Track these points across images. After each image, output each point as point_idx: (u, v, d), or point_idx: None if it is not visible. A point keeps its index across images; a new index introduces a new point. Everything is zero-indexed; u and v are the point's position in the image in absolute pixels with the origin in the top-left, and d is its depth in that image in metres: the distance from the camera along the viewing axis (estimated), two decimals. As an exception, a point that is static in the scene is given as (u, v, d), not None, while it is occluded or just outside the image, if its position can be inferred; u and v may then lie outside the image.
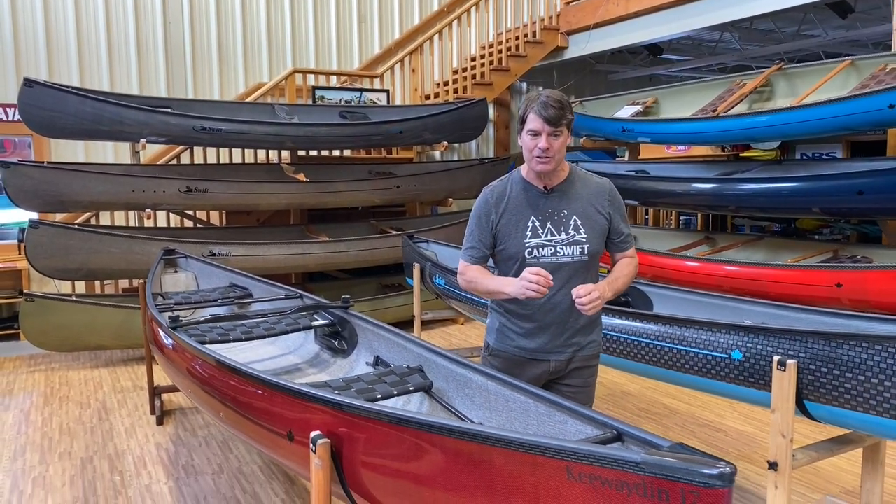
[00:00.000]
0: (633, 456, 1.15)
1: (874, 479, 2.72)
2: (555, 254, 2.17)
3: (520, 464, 1.33)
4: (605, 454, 1.19)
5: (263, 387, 2.10)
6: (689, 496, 1.09)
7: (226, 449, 3.86)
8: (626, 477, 1.16)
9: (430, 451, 1.54)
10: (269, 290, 3.98)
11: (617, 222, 2.26)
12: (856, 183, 4.11)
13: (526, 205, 2.20)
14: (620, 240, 2.29)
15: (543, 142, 2.08)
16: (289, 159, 6.87)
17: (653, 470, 1.12)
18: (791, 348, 2.51)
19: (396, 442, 1.63)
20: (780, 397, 2.45)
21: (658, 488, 1.12)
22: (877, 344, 2.28)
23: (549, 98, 2.08)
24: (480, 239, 2.25)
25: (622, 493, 1.17)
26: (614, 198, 2.27)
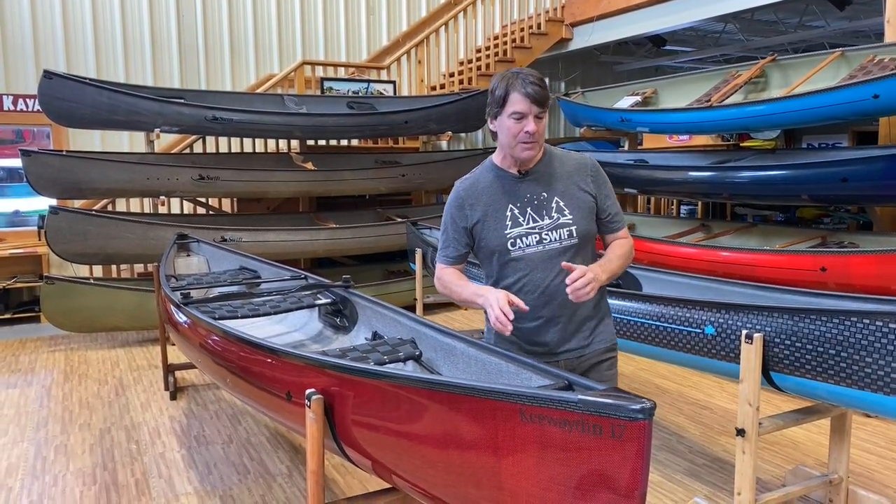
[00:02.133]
0: (571, 397, 1.33)
1: (841, 448, 2.89)
2: (541, 241, 1.99)
3: (482, 409, 1.52)
4: (550, 396, 1.38)
5: (265, 353, 2.30)
6: (618, 429, 1.27)
7: (235, 421, 4.08)
8: (568, 416, 1.35)
9: (407, 402, 1.73)
10: (276, 271, 4.19)
11: (603, 200, 2.06)
12: (840, 171, 4.25)
13: (501, 193, 2.01)
14: (608, 218, 2.08)
15: (531, 124, 1.90)
16: (298, 149, 7.08)
17: (588, 408, 1.30)
18: (758, 323, 2.68)
19: (379, 396, 1.82)
20: (747, 368, 2.63)
21: (593, 424, 1.31)
22: (834, 318, 2.44)
23: (529, 75, 1.90)
24: (455, 237, 2.07)
25: (565, 429, 1.36)
26: (597, 174, 2.07)
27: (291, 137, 6.81)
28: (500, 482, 1.52)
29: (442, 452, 1.68)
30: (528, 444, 1.44)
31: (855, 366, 2.39)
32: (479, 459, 1.56)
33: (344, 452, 2.05)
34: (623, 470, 1.28)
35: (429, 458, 1.73)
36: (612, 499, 1.30)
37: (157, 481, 3.32)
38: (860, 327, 2.37)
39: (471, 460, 1.59)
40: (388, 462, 1.90)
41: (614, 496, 1.30)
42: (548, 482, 1.41)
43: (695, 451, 3.59)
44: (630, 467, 1.27)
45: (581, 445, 1.34)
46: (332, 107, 6.82)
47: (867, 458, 3.45)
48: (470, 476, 1.61)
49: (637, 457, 1.26)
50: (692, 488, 3.14)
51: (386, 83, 7.68)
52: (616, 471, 1.29)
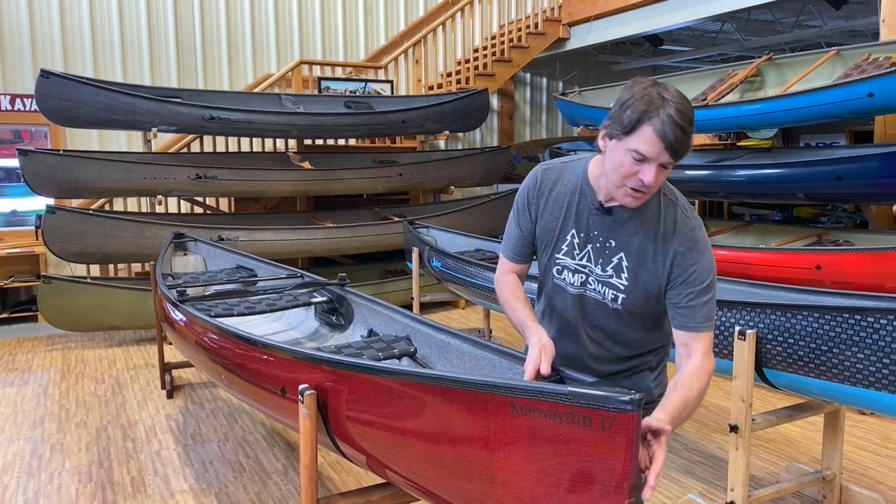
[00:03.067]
0: (561, 389, 1.34)
1: (834, 445, 2.90)
2: (584, 285, 1.72)
3: (473, 402, 1.53)
4: (541, 388, 1.39)
5: (259, 349, 2.31)
6: (607, 420, 1.28)
7: (231, 420, 4.08)
8: (558, 407, 1.35)
9: (399, 397, 1.74)
10: (273, 270, 4.20)
11: (679, 284, 1.61)
12: (835, 169, 4.26)
13: (574, 210, 1.71)
14: (684, 313, 1.61)
15: (650, 174, 1.50)
16: (295, 148, 7.09)
17: (578, 400, 1.31)
18: (751, 320, 2.69)
19: (371, 391, 1.83)
20: (740, 365, 2.64)
21: (583, 416, 1.32)
22: (827, 314, 2.45)
23: (679, 112, 1.45)
24: (518, 234, 1.81)
25: (555, 421, 1.36)
26: (688, 253, 1.61)
27: (289, 137, 6.81)
28: (492, 475, 1.53)
29: (434, 446, 1.69)
30: (518, 437, 1.45)
31: (847, 362, 2.40)
32: (471, 452, 1.57)
33: (338, 447, 2.06)
34: (612, 461, 1.29)
35: (421, 452, 1.74)
36: (601, 490, 1.31)
37: (153, 479, 3.33)
38: (852, 323, 2.38)
39: (463, 453, 1.60)
40: (382, 456, 1.91)
41: (603, 487, 1.30)
42: (538, 474, 1.42)
43: (690, 448, 3.60)
44: (619, 459, 1.28)
45: (571, 437, 1.35)
46: (330, 106, 6.83)
47: (861, 455, 3.46)
48: (462, 469, 1.62)
49: (626, 448, 1.26)
50: (687, 485, 3.15)
51: (383, 83, 7.69)
52: (605, 462, 1.30)
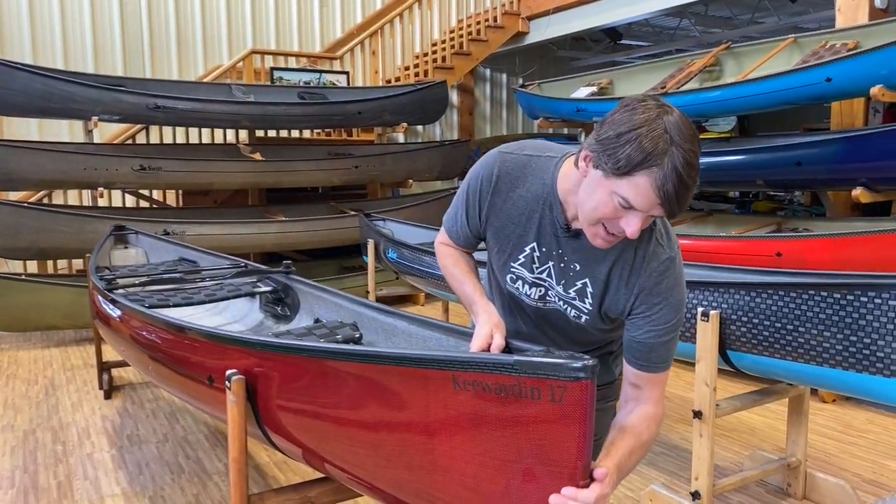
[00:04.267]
0: (506, 358, 1.18)
1: (798, 431, 2.80)
2: (543, 298, 1.52)
3: (412, 380, 1.36)
4: (484, 359, 1.23)
5: (183, 335, 2.11)
6: (558, 391, 1.13)
7: (173, 419, 3.85)
8: (503, 380, 1.19)
9: (333, 379, 1.56)
10: (216, 261, 3.97)
11: (639, 319, 1.41)
12: (795, 154, 4.21)
13: (535, 223, 1.46)
14: (640, 349, 1.42)
15: (635, 226, 1.26)
16: (246, 140, 6.84)
17: (524, 369, 1.15)
18: (714, 300, 2.58)
19: (303, 374, 1.65)
20: (704, 347, 2.52)
21: (530, 387, 1.16)
22: (792, 291, 2.35)
23: (686, 164, 1.19)
24: (465, 219, 1.57)
25: (501, 395, 1.21)
26: (656, 287, 1.39)
27: (239, 127, 6.56)
28: (434, 461, 1.37)
29: (371, 433, 1.51)
30: (461, 416, 1.29)
31: (814, 341, 2.29)
32: (411, 437, 1.40)
33: (269, 439, 1.87)
34: (564, 438, 1.13)
35: (358, 440, 1.56)
36: (552, 471, 1.15)
37: (82, 483, 3.08)
38: (818, 300, 2.28)
39: (402, 439, 1.43)
40: (317, 447, 1.73)
41: (555, 468, 1.15)
42: (483, 457, 1.26)
43: (652, 439, 3.48)
44: (572, 435, 1.12)
45: (518, 413, 1.19)
46: (283, 97, 6.60)
47: (824, 442, 3.38)
48: (402, 457, 1.45)
49: (580, 421, 1.11)
50: (649, 476, 3.03)
51: (339, 74, 7.49)
52: (557, 440, 1.14)
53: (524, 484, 1.20)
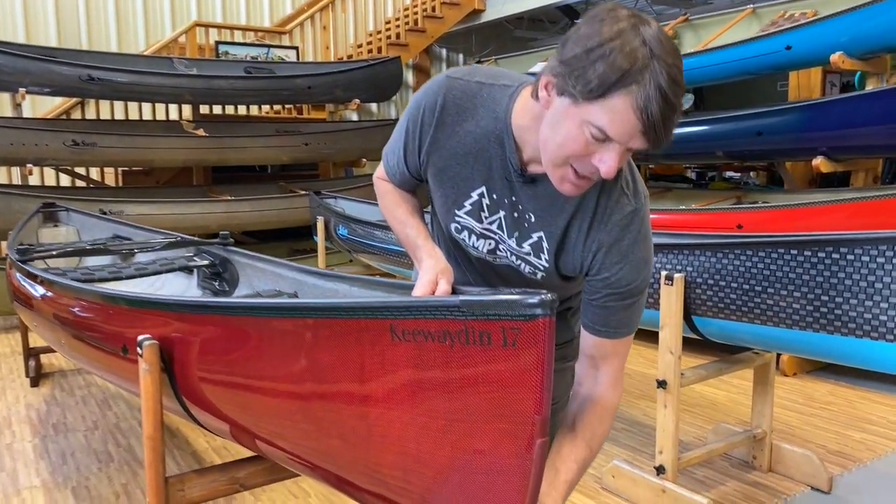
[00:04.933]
0: (452, 300, 1.00)
1: (764, 401, 2.69)
2: (494, 252, 1.32)
3: (345, 334, 1.17)
4: (425, 302, 1.04)
5: (93, 302, 1.87)
6: (511, 333, 0.95)
7: (105, 406, 3.58)
8: (448, 325, 1.01)
9: (257, 340, 1.36)
10: (151, 235, 3.71)
11: (597, 280, 1.23)
12: (755, 124, 4.12)
13: (486, 165, 1.25)
14: (597, 312, 1.26)
15: (613, 162, 1.05)
16: (190, 117, 6.51)
17: (472, 310, 0.97)
18: (678, 263, 2.44)
19: (224, 337, 1.44)
20: (668, 313, 2.38)
21: (479, 331, 0.98)
22: (760, 251, 2.22)
23: (671, 81, 0.98)
24: (401, 160, 1.35)
25: (445, 344, 1.02)
26: (617, 244, 1.21)
27: (181, 102, 6.23)
28: (369, 427, 1.18)
29: (300, 400, 1.32)
30: (400, 372, 1.10)
31: (783, 302, 2.17)
32: (344, 402, 1.21)
33: (190, 413, 1.66)
34: (520, 389, 0.95)
35: (287, 410, 1.37)
36: (506, 429, 0.97)
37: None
38: (788, 259, 2.15)
39: (334, 405, 1.24)
40: (242, 420, 1.52)
41: (509, 426, 0.97)
42: (427, 417, 1.08)
43: (613, 415, 3.35)
44: (529, 384, 0.94)
45: (466, 363, 1.00)
46: (228, 70, 6.29)
47: (787, 415, 3.30)
48: (334, 425, 1.26)
49: (538, 368, 0.93)
50: (611, 453, 2.89)
51: (288, 49, 7.19)
52: (511, 391, 0.96)
53: (473, 445, 1.02)
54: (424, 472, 1.11)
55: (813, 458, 2.61)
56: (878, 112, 3.67)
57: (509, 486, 0.98)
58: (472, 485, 1.05)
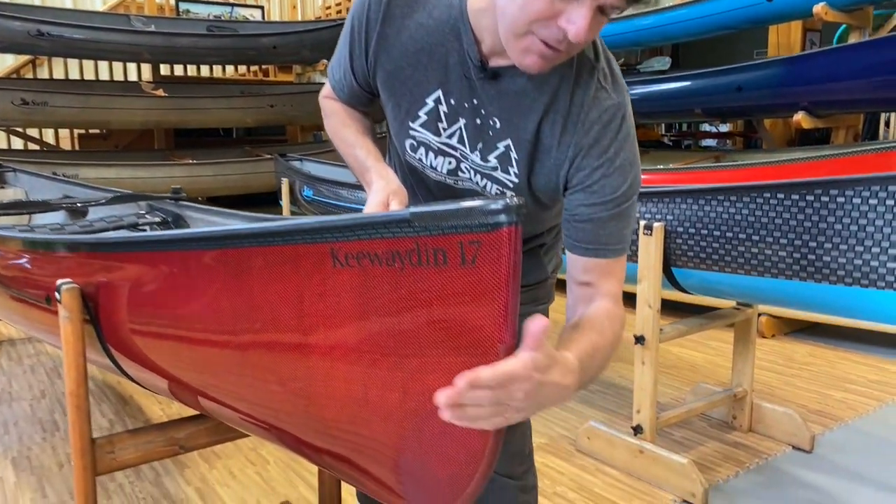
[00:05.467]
0: (400, 213, 0.84)
1: (745, 359, 2.59)
2: (455, 173, 1.15)
3: (281, 263, 1.01)
4: (371, 219, 0.88)
5: (15, 249, 1.68)
6: (469, 248, 0.79)
7: (54, 375, 3.38)
8: (397, 245, 0.85)
9: (185, 277, 1.19)
10: (101, 194, 3.49)
11: (577, 191, 1.06)
12: (735, 79, 3.99)
13: (439, 63, 1.08)
14: (583, 228, 1.07)
15: (583, 21, 0.89)
16: (150, 78, 6.23)
17: (424, 224, 0.81)
18: (658, 212, 2.30)
19: (149, 276, 1.27)
20: (646, 265, 2.24)
21: (433, 249, 0.82)
22: (745, 196, 2.09)
23: None
24: (347, 69, 1.19)
25: (394, 267, 0.86)
26: (596, 145, 1.04)
27: (138, 60, 5.95)
28: (310, 371, 1.02)
29: (238, 347, 1.15)
30: (344, 304, 0.94)
31: (768, 250, 2.04)
32: (281, 345, 1.05)
33: (120, 367, 1.49)
34: (481, 313, 0.80)
35: (222, 357, 1.20)
36: (466, 362, 0.82)
37: (-68, 446, 2.62)
38: (774, 204, 2.02)
39: (271, 349, 1.08)
40: (176, 371, 1.36)
41: (469, 357, 0.82)
42: (375, 354, 0.92)
43: (589, 378, 3.24)
44: (491, 307, 0.79)
45: (418, 289, 0.85)
46: (189, 28, 6.00)
47: (767, 375, 3.21)
48: (272, 372, 1.10)
49: (502, 287, 0.78)
50: (585, 415, 2.77)
51: (253, 8, 6.90)
52: (471, 317, 0.81)
53: (427, 384, 0.87)
54: (374, 420, 0.96)
55: (795, 417, 2.51)
56: (861, 65, 3.56)
57: (470, 429, 0.83)
58: (428, 431, 0.90)
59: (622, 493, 2.22)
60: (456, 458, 0.87)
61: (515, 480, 1.38)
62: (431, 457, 0.91)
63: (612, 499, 2.19)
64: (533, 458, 1.44)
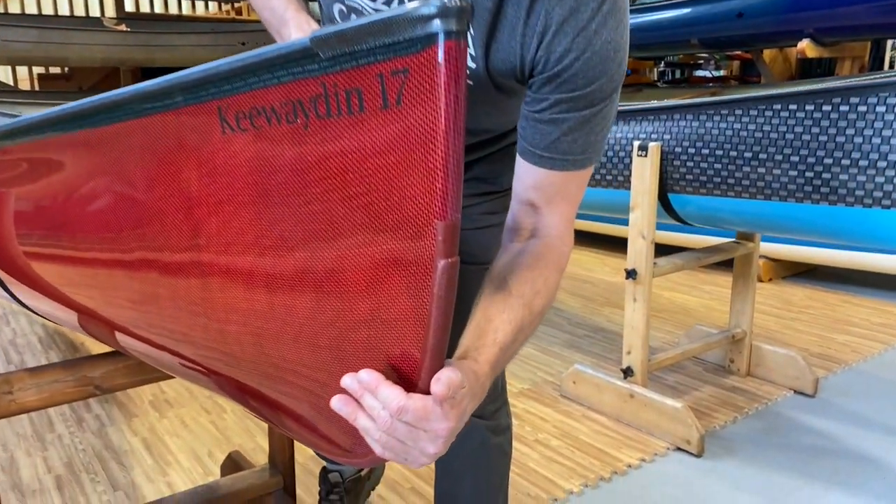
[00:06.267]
0: (298, 42, 0.59)
1: (745, 298, 2.38)
2: None
3: (160, 137, 0.76)
4: (261, 55, 0.63)
5: None
6: (393, 82, 0.55)
7: (3, 322, 3.14)
8: (299, 90, 0.61)
9: (43, 169, 0.95)
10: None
11: (542, 81, 0.84)
12: (735, 5, 3.70)
13: None
14: (542, 130, 0.86)
15: None
16: (114, 13, 5.84)
17: (331, 51, 0.57)
18: (654, 131, 2.06)
19: (20, 176, 1.02)
20: (640, 190, 2.01)
21: (344, 91, 0.58)
22: (753, 108, 1.85)
23: None
24: None
25: (296, 124, 0.62)
26: (571, 20, 0.80)
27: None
28: (203, 273, 0.79)
29: (130, 264, 0.92)
30: (237, 186, 0.70)
31: (777, 170, 1.81)
32: (171, 249, 0.82)
33: (13, 296, 1.25)
34: (409, 178, 0.56)
35: (109, 272, 0.97)
36: (392, 250, 0.59)
37: None
38: (785, 117, 1.78)
39: (161, 253, 0.84)
40: (77, 297, 1.13)
41: (397, 241, 0.58)
42: (276, 249, 0.69)
43: (574, 322, 3.04)
44: (424, 166, 0.55)
45: (326, 151, 0.61)
46: (153, -40, 5.62)
47: (765, 319, 3.01)
48: (166, 284, 0.87)
49: (439, 136, 0.54)
50: (571, 359, 2.57)
51: (224, -60, 6.49)
52: (397, 184, 0.57)
53: (345, 285, 0.64)
54: (283, 337, 0.73)
55: (798, 360, 2.32)
56: (872, -13, 3.28)
57: (402, 337, 0.61)
58: (351, 348, 0.67)
59: (610, 440, 2.03)
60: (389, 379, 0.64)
61: (486, 420, 1.17)
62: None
63: (599, 446, 2.00)
64: (506, 395, 1.23)
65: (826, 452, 1.96)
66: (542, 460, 1.93)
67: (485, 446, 1.20)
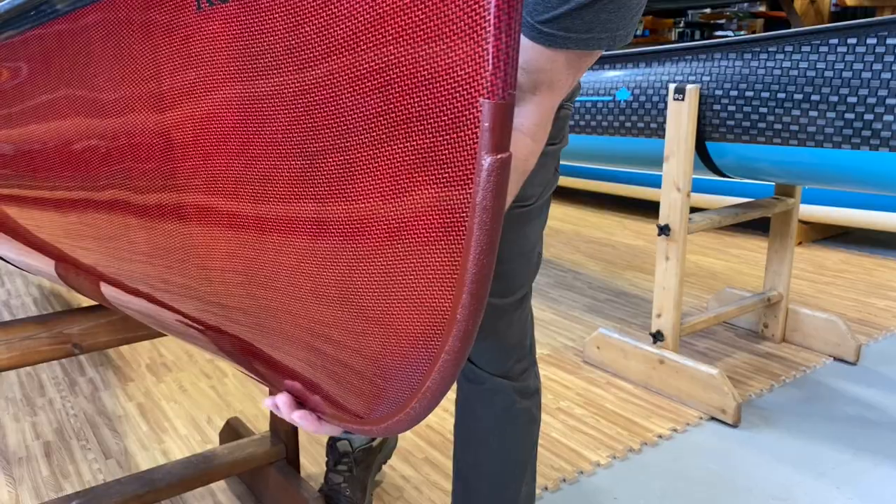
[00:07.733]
0: None
1: (782, 259, 2.21)
2: None
3: (121, 25, 0.60)
4: None
5: None
6: None
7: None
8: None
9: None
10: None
11: None
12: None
13: None
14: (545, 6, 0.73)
15: None
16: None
17: None
18: (692, 73, 1.88)
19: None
20: (676, 137, 1.84)
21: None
22: (805, 44, 1.66)
23: None
24: None
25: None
26: None
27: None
28: (180, 198, 0.63)
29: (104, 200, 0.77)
30: (218, 83, 0.54)
31: (831, 112, 1.63)
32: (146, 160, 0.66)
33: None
34: (443, 44, 0.40)
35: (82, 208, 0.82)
36: (421, 147, 0.43)
37: None
38: (842, 52, 1.60)
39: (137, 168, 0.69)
40: (44, 236, 0.98)
41: (428, 137, 0.42)
42: (266, 175, 0.53)
43: (595, 286, 2.88)
44: (472, 36, 0.39)
45: (332, 28, 0.45)
46: None
47: (799, 283, 2.85)
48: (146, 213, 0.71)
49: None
50: (593, 324, 2.43)
51: None
52: (428, 53, 0.41)
53: (358, 203, 0.48)
54: (278, 277, 0.58)
55: (839, 324, 2.16)
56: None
57: (430, 268, 0.45)
58: (359, 290, 0.51)
59: (638, 408, 1.89)
60: (408, 330, 0.48)
61: (512, 381, 1.02)
62: (369, 331, 0.53)
63: (625, 415, 1.85)
64: (535, 355, 1.08)
65: (874, 424, 1.81)
66: (566, 430, 1.79)
67: (511, 411, 1.05)
